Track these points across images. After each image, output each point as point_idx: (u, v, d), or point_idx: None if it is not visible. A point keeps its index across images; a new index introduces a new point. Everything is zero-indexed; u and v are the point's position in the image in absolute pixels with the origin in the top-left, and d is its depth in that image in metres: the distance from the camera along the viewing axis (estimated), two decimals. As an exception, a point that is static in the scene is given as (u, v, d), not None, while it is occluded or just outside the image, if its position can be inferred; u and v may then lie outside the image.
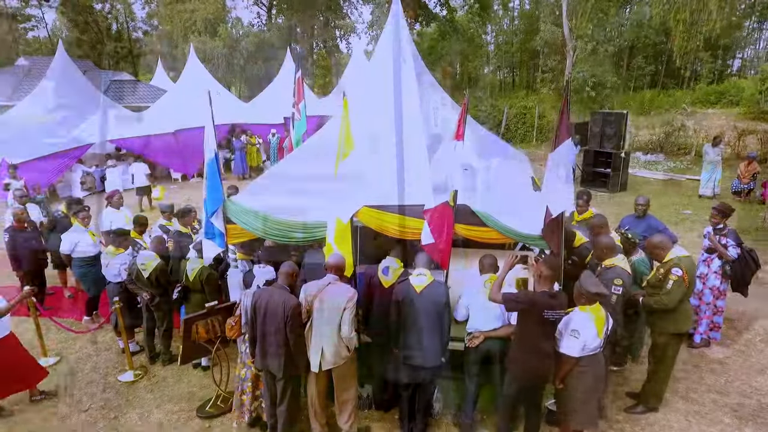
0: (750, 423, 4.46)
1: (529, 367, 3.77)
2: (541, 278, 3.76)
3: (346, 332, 3.97)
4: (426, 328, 4.12)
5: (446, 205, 4.25)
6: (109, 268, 5.74)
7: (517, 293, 3.81)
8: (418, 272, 4.15)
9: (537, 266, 3.80)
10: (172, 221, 7.08)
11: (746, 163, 11.28)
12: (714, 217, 5.40)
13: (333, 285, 4.04)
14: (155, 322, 5.86)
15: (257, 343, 4.19)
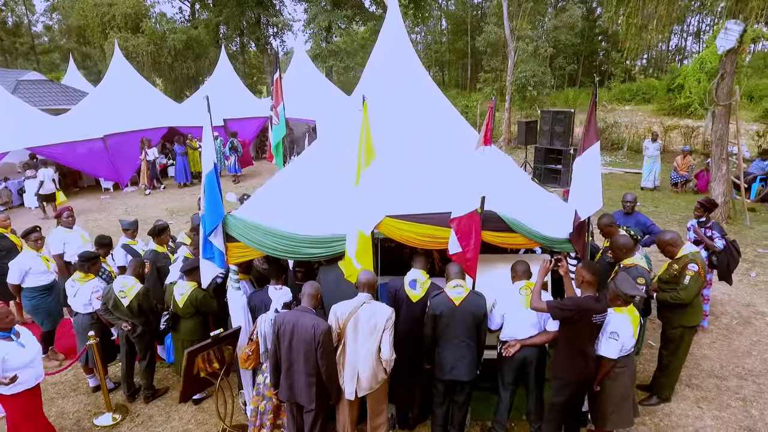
0: (754, 404, 4.76)
1: (579, 372, 3.73)
2: (583, 283, 3.73)
3: (387, 354, 3.71)
4: (464, 341, 3.97)
5: (474, 213, 4.11)
6: (78, 297, 5.01)
7: (562, 300, 3.75)
8: (455, 284, 3.98)
9: (579, 271, 3.76)
10: (136, 239, 6.37)
11: (682, 156, 12.26)
12: (697, 210, 5.72)
13: (368, 304, 3.75)
14: (134, 355, 5.21)
15: (282, 372, 3.81)
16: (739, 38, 8.43)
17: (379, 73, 5.28)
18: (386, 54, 5.31)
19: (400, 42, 5.33)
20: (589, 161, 4.04)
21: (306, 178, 4.89)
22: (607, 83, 38.75)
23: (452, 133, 5.00)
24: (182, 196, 14.37)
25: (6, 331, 3.85)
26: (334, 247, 4.30)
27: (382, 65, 5.30)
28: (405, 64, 5.29)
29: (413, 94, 5.12)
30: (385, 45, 5.36)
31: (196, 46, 24.77)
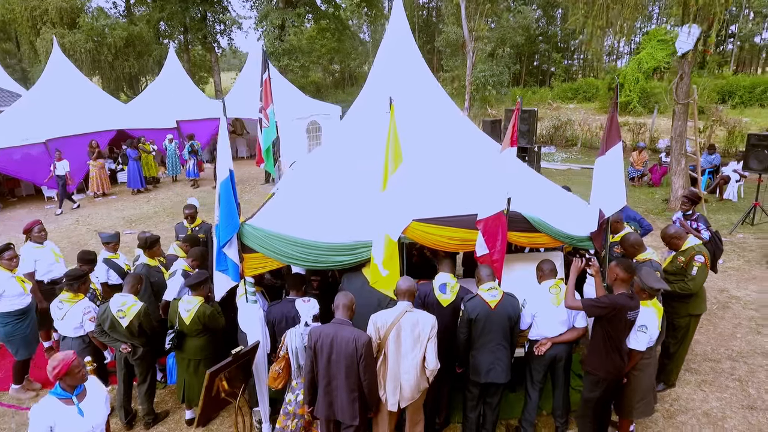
0: (749, 384, 5.09)
1: (615, 368, 3.81)
2: (617, 280, 3.81)
3: (433, 364, 3.63)
4: (500, 344, 3.96)
5: (501, 214, 4.11)
6: (68, 319, 4.56)
7: (597, 299, 3.82)
8: (489, 287, 3.96)
9: (613, 269, 3.84)
10: (117, 253, 5.90)
11: (638, 152, 12.98)
12: (684, 204, 6.04)
13: (410, 313, 3.65)
14: (131, 378, 4.83)
15: (320, 389, 3.64)
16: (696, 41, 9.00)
17: (386, 74, 5.18)
18: (392, 55, 5.22)
19: (406, 43, 5.26)
20: (612, 161, 4.14)
21: (321, 183, 4.71)
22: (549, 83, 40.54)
23: (467, 134, 4.99)
24: (138, 204, 13.53)
25: (70, 391, 3.05)
26: (360, 254, 4.18)
27: (388, 67, 5.20)
28: (411, 65, 5.22)
29: (423, 96, 5.07)
30: (391, 46, 5.26)
31: (138, 43, 23.35)
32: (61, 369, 2.96)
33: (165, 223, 11.73)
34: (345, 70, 44.14)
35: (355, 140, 4.94)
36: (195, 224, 6.52)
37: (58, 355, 3.03)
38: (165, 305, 5.07)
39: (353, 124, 5.20)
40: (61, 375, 2.98)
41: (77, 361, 3.06)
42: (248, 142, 20.13)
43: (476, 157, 4.76)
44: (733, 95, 27.85)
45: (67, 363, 2.98)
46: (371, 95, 5.18)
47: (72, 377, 3.02)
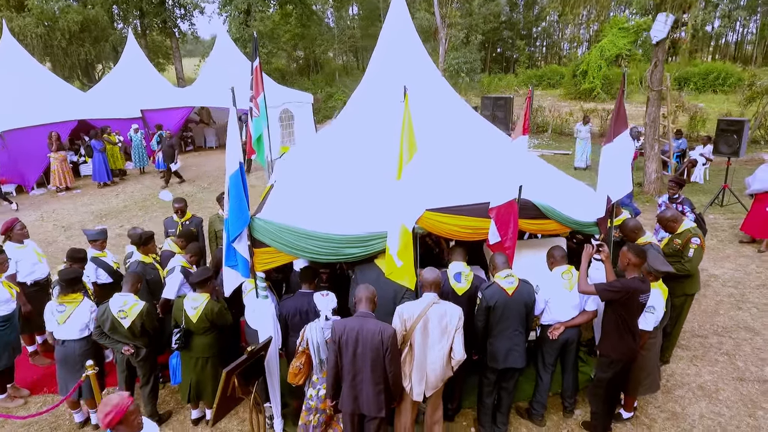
0: (737, 357, 5.39)
1: (628, 350, 3.93)
2: (629, 265, 3.90)
3: (460, 354, 3.68)
4: (517, 329, 4.03)
5: (513, 202, 4.15)
6: (73, 321, 4.34)
7: (610, 283, 3.90)
8: (506, 274, 4.00)
9: (625, 254, 3.93)
10: (105, 251, 5.62)
11: (610, 137, 13.37)
12: (672, 188, 6.28)
13: (437, 304, 3.66)
14: (134, 380, 4.65)
15: (345, 383, 3.60)
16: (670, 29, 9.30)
17: (387, 63, 5.10)
18: (393, 44, 5.14)
19: (406, 31, 5.18)
20: (619, 147, 4.24)
21: (328, 174, 4.61)
22: (513, 69, 41.12)
23: (472, 123, 4.99)
24: (106, 198, 12.93)
25: None
26: (373, 246, 4.13)
27: (389, 55, 5.12)
28: (412, 52, 5.16)
29: (426, 84, 5.02)
30: (391, 34, 5.18)
31: (94, 28, 22.08)
32: (115, 416, 2.61)
33: (138, 218, 11.28)
34: (310, 56, 43.33)
35: (360, 130, 4.85)
36: (185, 218, 6.28)
37: (112, 399, 2.66)
38: (164, 303, 4.90)
39: (357, 114, 5.10)
40: (115, 423, 2.62)
41: (134, 406, 2.71)
42: (217, 132, 19.53)
43: (484, 145, 4.78)
44: (688, 82, 29.04)
45: (122, 409, 2.62)
46: (373, 84, 5.09)
47: (127, 425, 2.68)
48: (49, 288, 5.71)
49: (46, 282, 5.64)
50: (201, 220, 6.45)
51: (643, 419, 4.56)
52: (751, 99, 14.93)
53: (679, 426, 4.47)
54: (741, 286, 6.86)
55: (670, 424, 4.49)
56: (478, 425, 4.44)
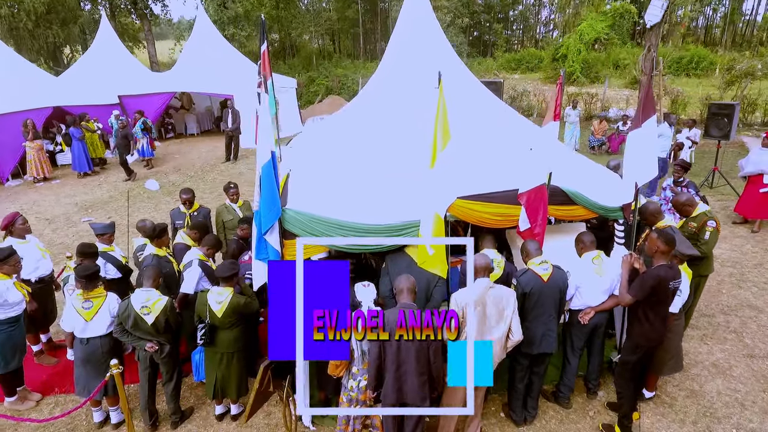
0: (744, 335, 5.59)
1: (657, 335, 3.96)
2: (657, 252, 3.86)
3: (519, 335, 3.78)
4: (551, 315, 4.06)
5: (542, 187, 4.16)
6: (100, 317, 4.17)
7: (642, 280, 3.84)
8: (540, 260, 4.01)
9: (654, 241, 3.88)
10: (113, 245, 5.41)
11: (599, 121, 13.59)
12: (677, 172, 6.41)
13: (493, 288, 3.67)
14: (156, 377, 4.52)
15: (389, 374, 3.57)
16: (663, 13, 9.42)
17: (407, 48, 5.00)
18: (412, 28, 5.03)
19: (425, 15, 5.08)
20: (646, 133, 4.27)
21: (353, 162, 4.50)
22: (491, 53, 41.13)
23: (497, 108, 4.95)
24: (89, 188, 12.44)
25: None
26: (406, 234, 4.09)
27: (409, 41, 5.02)
28: (432, 38, 5.06)
29: (449, 70, 4.93)
30: (409, 18, 5.06)
31: (62, 9, 20.97)
32: None
33: (125, 209, 10.85)
34: (285, 40, 42.36)
35: (383, 117, 4.75)
36: (193, 209, 6.08)
37: None
38: (183, 298, 4.74)
39: (378, 100, 4.99)
40: None
41: None
42: (198, 118, 18.98)
43: (511, 130, 4.75)
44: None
45: None
46: (394, 69, 4.99)
47: None
48: (53, 285, 5.51)
49: (50, 279, 5.40)
50: (209, 211, 6.26)
51: (664, 398, 4.69)
52: (731, 83, 15.34)
53: (700, 403, 4.62)
54: (739, 265, 7.10)
55: (691, 401, 4.64)
56: (508, 410, 4.49)
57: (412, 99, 4.68)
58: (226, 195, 6.24)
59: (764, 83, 15.58)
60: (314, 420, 4.42)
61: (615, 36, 27.81)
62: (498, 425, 4.47)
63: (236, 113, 14.02)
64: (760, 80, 15.34)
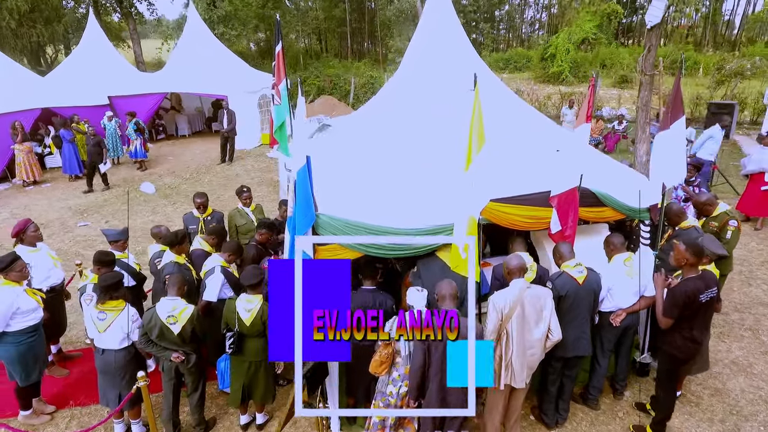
0: (760, 332, 5.67)
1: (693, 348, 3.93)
2: (686, 266, 3.83)
3: (558, 334, 3.75)
4: (584, 318, 4.06)
5: (574, 190, 4.15)
6: (114, 329, 4.03)
7: (673, 299, 3.75)
8: (575, 263, 4.00)
9: (681, 254, 3.80)
10: (126, 252, 5.25)
11: (595, 121, 13.70)
12: (690, 171, 6.47)
13: (530, 289, 3.64)
14: (180, 389, 4.40)
15: (433, 382, 3.52)
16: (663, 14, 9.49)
17: (429, 48, 4.94)
18: (433, 29, 4.98)
19: (447, 16, 5.03)
20: (674, 134, 4.29)
21: (379, 165, 4.42)
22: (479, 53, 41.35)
23: (523, 110, 4.93)
24: (81, 191, 12.11)
25: None
26: (440, 238, 4.04)
27: (431, 40, 4.97)
28: (453, 38, 5.02)
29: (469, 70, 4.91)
30: (432, 19, 5.01)
31: (45, 7, 20.38)
32: None
33: (122, 213, 10.63)
34: (271, 39, 41.97)
35: (410, 118, 4.69)
36: (206, 214, 5.93)
37: None
38: (205, 306, 4.62)
39: (401, 101, 4.92)
40: None
41: None
42: (189, 119, 18.67)
43: (538, 132, 4.74)
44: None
45: None
46: (416, 70, 4.94)
47: None
48: (64, 294, 5.34)
49: (61, 288, 5.23)
50: (222, 215, 6.12)
51: (690, 397, 4.73)
52: (720, 82, 15.64)
53: (725, 402, 4.67)
54: (747, 263, 7.21)
55: (716, 400, 4.68)
56: (538, 413, 4.47)
57: (439, 100, 4.65)
58: (238, 199, 6.11)
59: (753, 83, 15.93)
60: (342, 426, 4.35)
61: (602, 36, 28.15)
62: (529, 428, 4.45)
63: (231, 114, 13.80)
64: (749, 80, 15.72)
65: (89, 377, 5.14)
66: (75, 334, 5.95)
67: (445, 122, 4.53)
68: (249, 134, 15.74)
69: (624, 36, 41.45)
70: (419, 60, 4.98)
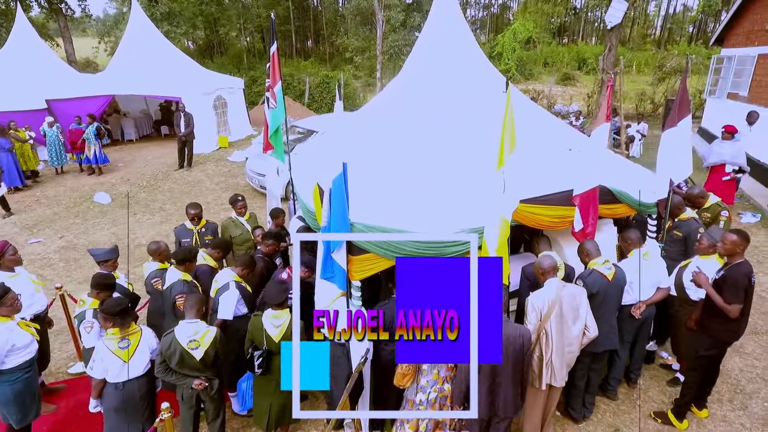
0: (744, 313, 6.05)
1: (738, 330, 4.08)
2: (739, 253, 3.92)
3: (595, 330, 3.79)
4: (612, 313, 4.16)
5: (595, 189, 4.23)
6: (139, 354, 3.68)
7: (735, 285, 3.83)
8: (603, 260, 4.09)
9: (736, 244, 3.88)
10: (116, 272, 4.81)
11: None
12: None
13: (565, 287, 3.66)
14: (199, 416, 4.09)
15: (482, 388, 3.47)
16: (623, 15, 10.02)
17: (434, 49, 4.88)
18: (440, 29, 4.92)
19: (453, 15, 4.98)
20: (681, 132, 4.48)
21: (399, 170, 4.29)
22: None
23: (531, 110, 4.96)
24: (25, 204, 11.09)
25: None
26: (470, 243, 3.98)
27: (436, 41, 4.90)
28: (460, 39, 4.97)
29: (476, 71, 4.90)
30: (438, 18, 4.94)
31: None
32: None
33: (77, 226, 9.83)
34: (212, 37, 40.34)
35: (423, 120, 4.59)
36: (200, 226, 5.56)
37: None
38: (221, 325, 4.32)
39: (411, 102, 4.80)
40: None
41: None
42: (136, 123, 17.58)
43: (551, 132, 4.79)
44: (586, 63, 31.72)
45: None
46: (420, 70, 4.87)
47: None
48: (47, 322, 4.83)
49: (45, 315, 4.72)
50: (216, 226, 5.76)
51: (696, 380, 4.97)
52: (662, 79, 16.71)
53: (727, 382, 4.96)
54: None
55: (720, 380, 4.93)
56: (567, 408, 4.53)
57: (455, 102, 4.59)
58: (233, 208, 5.77)
59: (692, 79, 17.10)
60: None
61: (545, 35, 29.29)
62: (557, 423, 4.51)
63: (189, 117, 13.10)
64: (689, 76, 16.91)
65: (78, 412, 4.73)
66: (54, 364, 5.40)
67: (465, 124, 4.49)
68: (206, 138, 15.05)
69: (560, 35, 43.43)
70: (428, 60, 4.89)
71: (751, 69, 11.54)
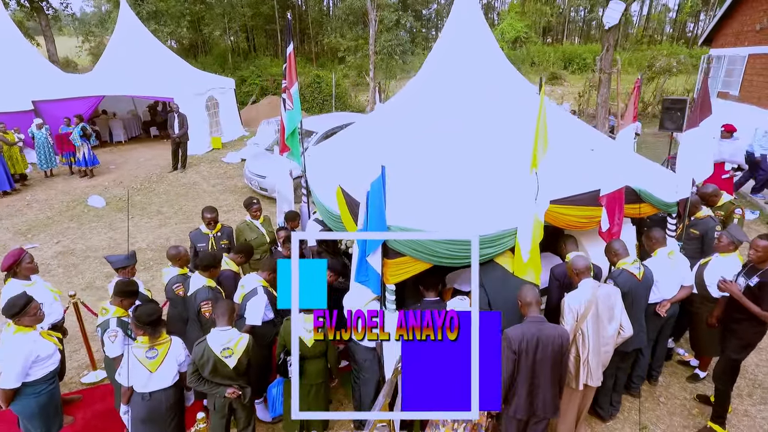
0: (752, 309, 6.17)
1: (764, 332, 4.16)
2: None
3: (630, 329, 3.81)
4: (642, 312, 4.20)
5: (621, 189, 4.27)
6: (167, 364, 3.58)
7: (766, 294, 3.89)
8: (632, 260, 4.12)
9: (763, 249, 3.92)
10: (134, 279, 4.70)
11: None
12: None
13: (601, 287, 3.68)
14: (229, 424, 4.00)
15: (522, 389, 3.47)
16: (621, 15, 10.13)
17: (456, 49, 4.86)
18: (461, 29, 4.90)
19: (474, 16, 4.97)
20: (703, 133, 4.54)
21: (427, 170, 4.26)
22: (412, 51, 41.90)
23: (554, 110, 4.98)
24: (16, 209, 10.77)
25: None
26: (504, 244, 3.99)
27: (457, 41, 4.89)
28: (481, 39, 4.97)
29: (497, 72, 4.91)
30: (459, 19, 4.93)
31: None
32: None
33: (73, 231, 9.59)
34: (197, 37, 39.74)
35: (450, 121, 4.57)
36: (216, 230, 5.45)
37: None
38: (249, 331, 4.24)
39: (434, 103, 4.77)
40: None
41: None
42: (124, 124, 17.23)
43: (576, 133, 4.81)
44: (572, 62, 32.09)
45: None
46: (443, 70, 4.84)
47: None
48: (63, 330, 4.69)
49: (61, 324, 4.59)
50: (231, 230, 5.66)
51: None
52: (651, 78, 16.99)
53: (745, 377, 5.05)
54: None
55: (738, 376, 5.03)
56: (595, 407, 4.54)
57: (481, 103, 4.59)
58: (247, 211, 5.68)
59: (679, 79, 17.49)
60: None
61: (533, 35, 29.56)
62: (585, 423, 4.53)
63: (183, 118, 12.88)
64: (675, 76, 17.25)
65: (97, 423, 4.61)
66: (66, 374, 5.24)
67: (494, 125, 4.48)
68: (199, 139, 14.81)
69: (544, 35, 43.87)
70: (451, 60, 4.87)
71: (742, 69, 11.80)
